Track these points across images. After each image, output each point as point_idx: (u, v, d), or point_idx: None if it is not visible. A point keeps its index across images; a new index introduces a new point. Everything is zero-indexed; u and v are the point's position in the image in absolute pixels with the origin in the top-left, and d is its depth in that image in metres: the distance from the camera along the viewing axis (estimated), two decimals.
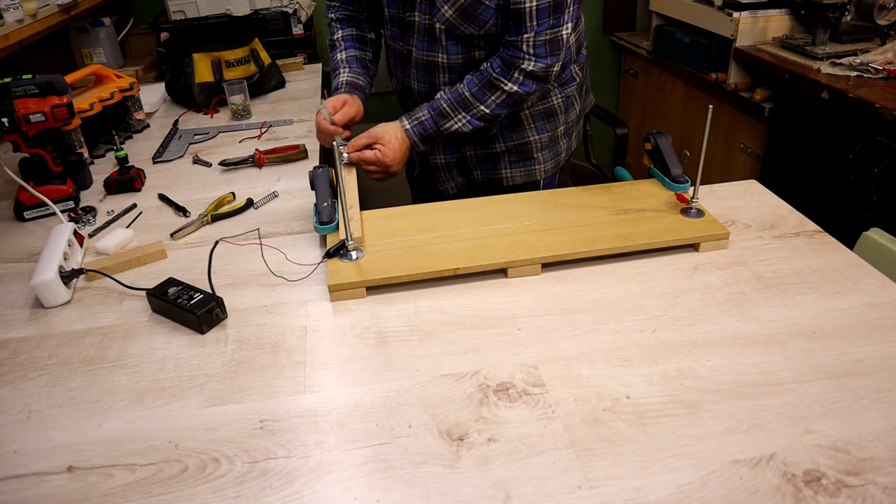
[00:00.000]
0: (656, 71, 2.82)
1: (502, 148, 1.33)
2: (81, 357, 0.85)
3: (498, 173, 1.36)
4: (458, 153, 1.35)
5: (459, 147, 1.34)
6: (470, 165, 1.37)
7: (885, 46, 1.94)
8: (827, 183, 1.90)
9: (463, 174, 1.38)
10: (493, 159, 1.35)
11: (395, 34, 1.26)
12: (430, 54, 1.22)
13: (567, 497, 0.63)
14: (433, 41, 1.20)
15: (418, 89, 1.28)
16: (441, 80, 1.24)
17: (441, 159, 1.36)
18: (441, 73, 1.23)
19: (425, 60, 1.23)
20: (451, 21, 1.14)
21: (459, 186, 1.39)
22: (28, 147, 1.26)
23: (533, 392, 0.75)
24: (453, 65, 1.22)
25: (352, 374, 0.80)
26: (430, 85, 1.26)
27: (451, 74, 1.23)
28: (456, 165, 1.37)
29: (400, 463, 0.67)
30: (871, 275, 0.94)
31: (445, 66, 1.22)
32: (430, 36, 1.19)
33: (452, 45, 1.19)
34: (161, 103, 1.94)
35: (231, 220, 1.19)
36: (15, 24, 1.56)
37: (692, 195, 1.06)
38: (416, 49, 1.22)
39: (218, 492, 0.65)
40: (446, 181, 1.39)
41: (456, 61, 1.21)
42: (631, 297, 0.92)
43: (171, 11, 2.18)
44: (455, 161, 1.36)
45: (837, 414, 0.71)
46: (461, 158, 1.36)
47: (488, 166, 1.37)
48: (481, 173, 1.38)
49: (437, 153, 1.35)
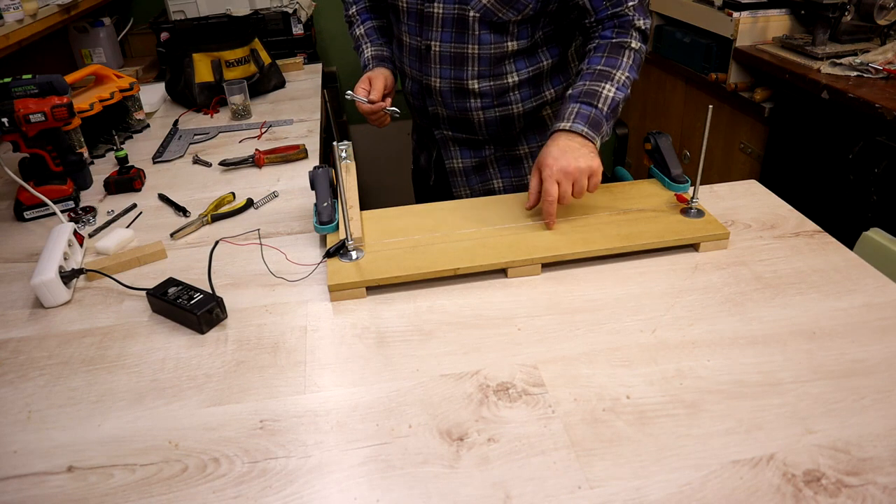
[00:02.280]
0: (656, 71, 2.82)
1: (525, 150, 1.30)
2: (81, 357, 0.85)
3: (522, 179, 1.32)
4: (477, 157, 1.32)
5: (479, 151, 1.31)
6: (490, 172, 1.34)
7: (885, 46, 1.94)
8: (827, 183, 1.90)
9: (482, 181, 1.35)
10: (516, 163, 1.32)
11: (413, 28, 1.21)
12: (458, 46, 1.17)
13: (567, 497, 0.63)
14: (462, 32, 1.16)
15: (441, 86, 1.23)
16: (469, 73, 1.19)
17: (458, 164, 1.32)
18: (470, 66, 1.18)
19: (452, 53, 1.18)
20: (489, 8, 1.11)
21: (474, 194, 1.35)
22: (28, 147, 1.26)
23: (533, 392, 0.75)
24: (484, 56, 1.17)
25: (352, 374, 0.80)
26: (457, 80, 1.21)
27: (480, 66, 1.18)
28: (474, 171, 1.34)
29: (400, 463, 0.67)
30: (871, 275, 0.94)
31: (476, 58, 1.17)
32: (459, 26, 1.15)
33: (486, 35, 1.15)
34: (161, 103, 1.94)
35: (231, 220, 1.19)
36: (15, 24, 1.56)
37: (692, 195, 1.06)
38: (438, 42, 1.18)
39: (218, 492, 0.65)
40: (462, 187, 1.35)
41: (488, 52, 1.17)
42: (631, 297, 0.92)
43: (171, 11, 2.18)
44: (473, 166, 1.33)
45: (837, 414, 0.71)
46: (480, 163, 1.33)
47: (510, 173, 1.33)
48: (503, 181, 1.34)
49: (453, 157, 1.32)
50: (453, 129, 1.29)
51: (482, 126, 1.26)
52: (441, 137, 1.32)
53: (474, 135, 1.29)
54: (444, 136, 1.31)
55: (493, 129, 1.27)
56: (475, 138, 1.29)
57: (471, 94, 1.22)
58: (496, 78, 1.20)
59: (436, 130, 1.32)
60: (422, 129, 1.39)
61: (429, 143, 1.39)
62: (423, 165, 1.45)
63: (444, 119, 1.28)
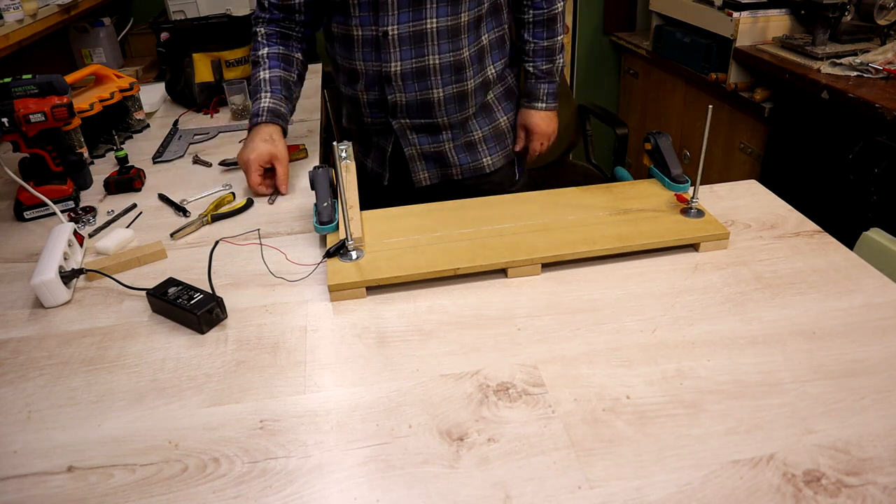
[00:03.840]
0: (656, 71, 2.82)
1: (479, 135, 1.38)
2: (81, 357, 0.85)
3: (479, 162, 1.40)
4: (435, 144, 1.36)
5: (436, 136, 1.35)
6: (449, 159, 1.38)
7: (885, 46, 1.95)
8: (827, 183, 1.90)
9: (440, 166, 1.39)
10: (472, 148, 1.39)
11: (366, 19, 1.22)
12: (416, 25, 1.20)
13: (567, 497, 0.63)
14: (419, 9, 1.19)
15: (402, 70, 1.25)
16: (429, 48, 1.23)
17: (417, 150, 1.36)
18: (430, 42, 1.22)
19: (411, 33, 1.21)
20: None
21: (433, 178, 1.40)
22: (28, 147, 1.26)
23: (533, 392, 0.75)
24: (442, 29, 1.22)
25: (352, 374, 0.80)
26: (418, 60, 1.24)
27: (440, 40, 1.22)
28: (434, 157, 1.38)
29: (400, 463, 0.67)
30: (871, 275, 0.94)
31: (434, 33, 1.21)
32: (416, 4, 1.19)
33: (443, 7, 1.20)
34: (161, 103, 1.94)
35: (231, 220, 1.19)
36: (15, 24, 1.56)
37: (692, 195, 1.06)
38: (395, 26, 1.20)
39: (218, 492, 0.65)
40: (420, 171, 1.39)
41: (445, 24, 1.21)
42: (631, 297, 0.92)
43: (171, 11, 2.18)
44: (432, 153, 1.37)
45: (837, 414, 0.71)
46: (439, 152, 1.37)
47: (468, 158, 1.39)
48: (461, 167, 1.40)
49: (411, 143, 1.36)
50: (411, 116, 1.32)
51: (441, 105, 1.30)
52: (398, 127, 1.34)
53: (432, 118, 1.32)
54: (402, 124, 1.34)
55: (451, 108, 1.31)
56: (433, 121, 1.33)
57: (431, 71, 1.25)
58: (455, 52, 1.25)
59: (393, 121, 1.33)
60: (373, 127, 1.39)
61: (382, 140, 1.41)
62: (375, 168, 1.46)
63: (402, 107, 1.30)
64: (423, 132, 1.34)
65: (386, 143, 1.40)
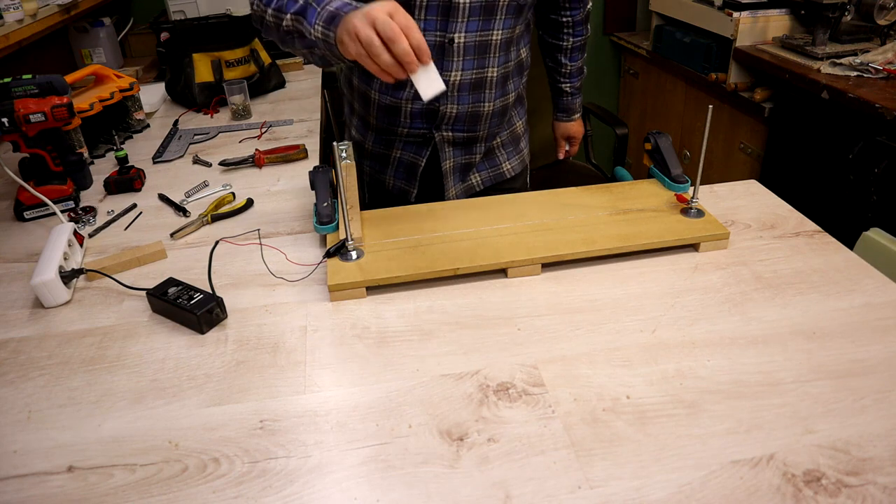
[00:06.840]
0: (656, 71, 2.82)
1: (498, 141, 1.37)
2: (81, 357, 0.85)
3: (499, 168, 1.39)
4: (467, 156, 1.33)
5: (470, 150, 1.32)
6: (474, 169, 1.35)
7: (885, 46, 1.95)
8: (827, 183, 1.90)
9: (464, 178, 1.36)
10: (492, 154, 1.37)
11: (431, 23, 1.15)
12: (483, 35, 1.17)
13: (567, 497, 0.63)
14: (489, 19, 1.16)
15: (461, 80, 1.20)
16: (490, 61, 1.20)
17: (450, 163, 1.32)
18: (492, 54, 1.20)
19: (477, 43, 1.17)
20: None
21: (458, 193, 1.36)
22: (28, 147, 1.26)
23: (533, 392, 0.75)
24: (503, 41, 1.20)
25: (352, 374, 0.80)
26: (478, 71, 1.20)
27: (499, 53, 1.21)
28: (462, 169, 1.34)
29: (400, 463, 0.67)
30: (871, 275, 0.94)
31: (497, 45, 1.20)
32: (487, 13, 1.15)
33: (509, 19, 1.18)
34: (161, 103, 1.94)
35: (231, 220, 1.19)
36: (15, 24, 1.56)
37: (692, 195, 1.06)
38: (463, 34, 1.15)
39: (218, 492, 0.65)
40: (451, 188, 1.34)
41: (508, 36, 1.20)
42: (631, 297, 0.92)
43: (171, 11, 2.18)
44: (463, 164, 1.33)
45: (837, 414, 0.71)
46: (469, 163, 1.34)
47: (487, 165, 1.37)
48: (480, 175, 1.37)
49: (448, 157, 1.31)
50: (455, 129, 1.28)
51: (487, 118, 1.28)
52: (440, 139, 1.29)
53: (476, 131, 1.30)
54: (443, 136, 1.29)
55: (494, 122, 1.31)
56: (475, 135, 1.30)
57: (488, 83, 1.23)
58: (505, 65, 1.25)
59: (436, 133, 1.29)
60: (409, 139, 1.31)
61: (412, 153, 1.32)
62: (398, 184, 1.37)
63: (450, 118, 1.25)
64: (459, 145, 1.30)
65: (419, 157, 1.32)
